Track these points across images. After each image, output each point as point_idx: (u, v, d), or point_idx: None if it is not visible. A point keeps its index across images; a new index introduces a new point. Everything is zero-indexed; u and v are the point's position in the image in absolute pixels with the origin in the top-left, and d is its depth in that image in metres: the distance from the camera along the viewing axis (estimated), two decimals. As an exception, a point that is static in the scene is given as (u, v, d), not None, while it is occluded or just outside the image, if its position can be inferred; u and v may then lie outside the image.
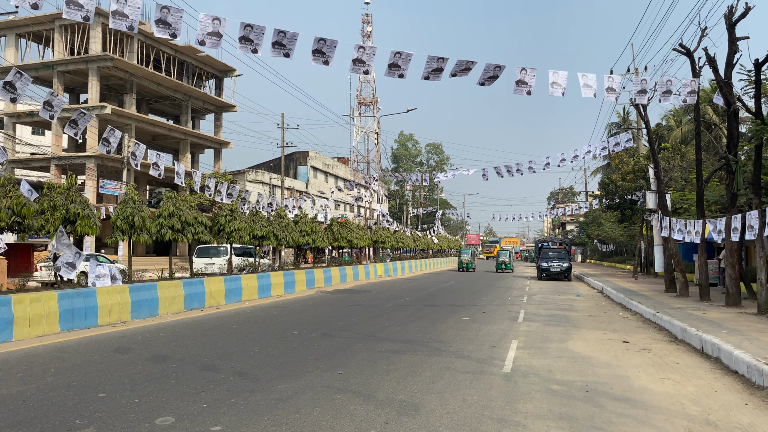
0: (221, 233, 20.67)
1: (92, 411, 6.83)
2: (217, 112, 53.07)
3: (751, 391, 8.15)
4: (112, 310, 14.05)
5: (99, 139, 16.11)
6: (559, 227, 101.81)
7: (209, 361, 9.78)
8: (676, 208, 27.88)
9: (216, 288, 18.37)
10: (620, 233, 51.71)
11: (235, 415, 6.77)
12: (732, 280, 17.21)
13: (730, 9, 16.39)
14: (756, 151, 16.16)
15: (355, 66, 12.99)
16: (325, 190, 61.82)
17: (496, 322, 15.33)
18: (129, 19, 11.42)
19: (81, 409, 6.92)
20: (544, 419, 6.75)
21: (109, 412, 6.81)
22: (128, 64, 41.18)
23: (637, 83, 15.92)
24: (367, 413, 6.86)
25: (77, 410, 6.86)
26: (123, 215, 15.72)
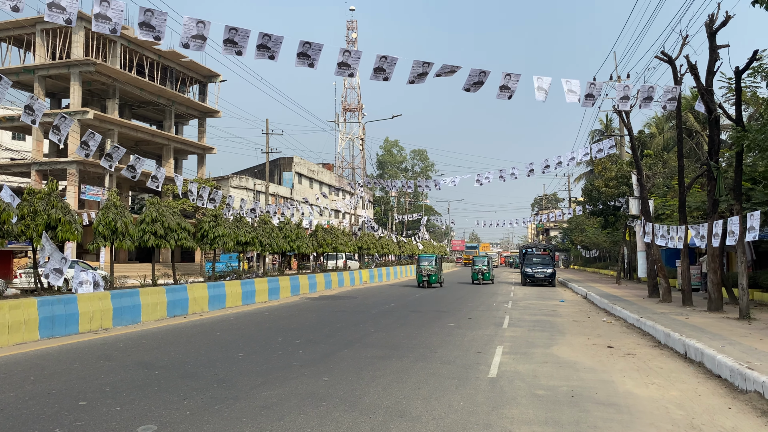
0: (205, 239, 20.49)
1: (72, 419, 6.70)
2: (201, 118, 52.78)
3: (734, 395, 8.21)
4: (93, 317, 13.85)
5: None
6: (543, 233, 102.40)
7: (192, 368, 9.66)
8: (658, 214, 28.14)
9: (199, 294, 18.20)
10: (603, 239, 52.07)
11: (219, 422, 6.67)
12: (714, 285, 17.38)
13: (711, 17, 16.62)
14: (737, 157, 16.37)
15: (340, 69, 12.99)
16: (310, 197, 61.70)
17: (481, 328, 15.33)
18: (112, 22, 11.32)
19: (61, 417, 6.79)
20: (530, 424, 6.74)
21: (89, 420, 6.69)
22: (111, 69, 40.84)
23: (620, 90, 16.09)
24: (353, 420, 6.81)
25: (57, 419, 6.73)
26: (105, 221, 15.53)
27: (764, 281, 20.89)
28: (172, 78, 48.46)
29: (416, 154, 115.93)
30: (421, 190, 79.53)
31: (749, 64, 15.18)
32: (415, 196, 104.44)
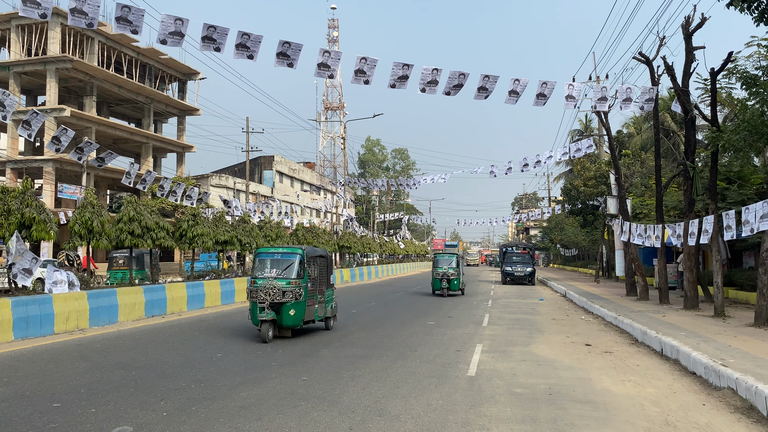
0: (183, 239, 20.30)
1: (46, 422, 6.60)
2: (180, 116, 52.28)
3: (709, 392, 8.33)
4: (69, 318, 13.65)
5: (57, 142, 15.68)
6: (523, 232, 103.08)
7: (170, 368, 9.57)
8: (636, 213, 28.45)
9: (178, 294, 18.03)
10: (582, 238, 52.55)
11: (196, 423, 6.62)
12: (690, 283, 17.63)
13: (687, 19, 16.84)
14: (712, 158, 16.61)
15: (320, 70, 12.96)
16: (291, 195, 61.47)
17: (461, 326, 15.39)
18: (88, 17, 11.19)
19: (34, 420, 6.68)
20: (507, 422, 6.78)
21: (63, 422, 6.59)
22: (88, 66, 40.28)
23: (599, 91, 16.24)
24: (331, 419, 6.79)
25: (30, 421, 6.62)
26: (81, 220, 15.31)
27: (738, 279, 21.23)
28: (150, 75, 47.93)
29: (397, 153, 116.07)
30: (402, 188, 79.47)
31: (724, 65, 15.39)
32: (397, 195, 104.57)
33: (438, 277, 25.21)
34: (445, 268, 25.16)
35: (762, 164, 22.90)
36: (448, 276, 24.95)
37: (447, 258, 25.68)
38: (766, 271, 13.61)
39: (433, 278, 25.70)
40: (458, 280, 25.53)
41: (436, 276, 25.39)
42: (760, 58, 15.20)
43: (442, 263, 25.52)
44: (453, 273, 25.12)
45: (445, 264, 25.37)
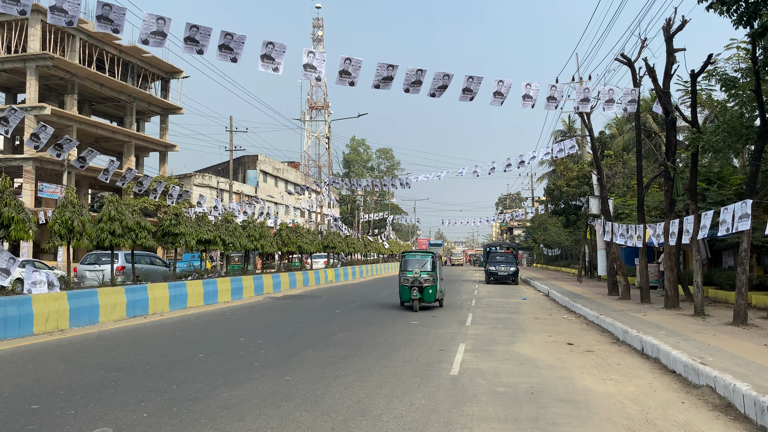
0: (165, 238, 20.14)
1: (24, 424, 6.52)
2: (163, 115, 51.87)
3: (688, 390, 8.43)
4: (49, 318, 13.48)
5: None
6: (507, 232, 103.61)
7: (151, 369, 9.49)
8: (618, 214, 28.72)
9: (160, 294, 17.89)
10: (565, 238, 52.89)
11: (177, 424, 6.57)
12: (670, 282, 17.83)
13: (668, 22, 17.02)
14: (692, 158, 16.81)
15: (306, 72, 12.91)
16: (275, 195, 61.24)
17: (444, 326, 15.43)
18: (68, 15, 11.05)
19: (12, 422, 6.59)
20: (489, 421, 6.81)
21: (42, 424, 6.51)
22: (69, 64, 39.82)
23: (581, 92, 16.36)
24: (314, 419, 6.78)
25: (7, 424, 6.53)
26: (61, 219, 15.12)
27: (718, 279, 21.51)
28: (133, 74, 47.50)
29: (382, 153, 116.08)
30: (386, 188, 79.43)
31: (704, 67, 15.58)
32: (382, 195, 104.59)
33: (407, 284, 19.14)
34: (417, 272, 19.08)
35: (741, 165, 23.24)
36: (420, 282, 18.92)
37: (419, 258, 19.68)
38: (744, 270, 13.81)
39: (401, 286, 19.42)
40: (434, 288, 19.13)
41: (404, 283, 19.26)
42: (740, 60, 15.42)
43: (411, 265, 19.36)
44: (427, 279, 18.93)
45: (417, 266, 19.27)
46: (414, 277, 18.98)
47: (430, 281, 19.01)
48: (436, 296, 19.34)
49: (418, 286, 18.90)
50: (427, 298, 19.08)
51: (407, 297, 19.20)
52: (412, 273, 19.05)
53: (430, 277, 19.06)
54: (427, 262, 19.36)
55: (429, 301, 19.22)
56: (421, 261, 19.45)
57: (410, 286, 18.97)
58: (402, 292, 19.47)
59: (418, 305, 18.92)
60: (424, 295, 18.99)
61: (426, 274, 19.05)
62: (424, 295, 18.99)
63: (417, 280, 18.92)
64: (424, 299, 19.07)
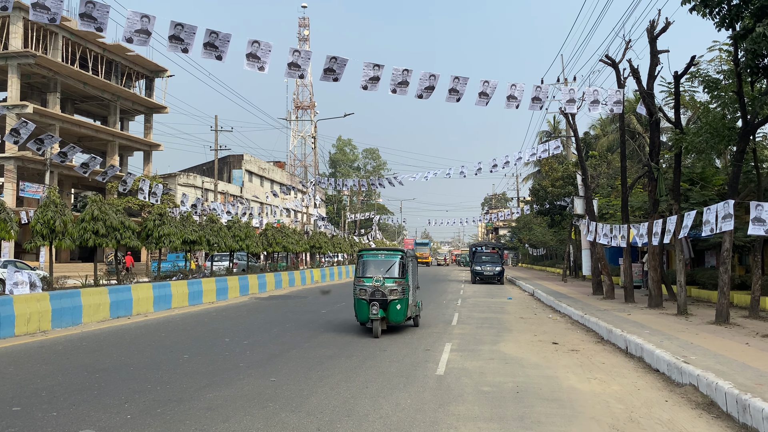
0: (150, 238, 19.96)
1: (5, 426, 6.42)
2: (148, 114, 51.42)
3: (671, 388, 8.50)
4: (30, 319, 13.31)
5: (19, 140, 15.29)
6: (493, 232, 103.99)
7: (135, 370, 9.40)
8: (602, 214, 28.93)
9: (144, 295, 17.73)
10: (550, 238, 53.19)
11: (161, 425, 6.51)
12: (654, 282, 17.98)
13: (652, 23, 17.17)
14: (676, 159, 16.97)
15: (291, 70, 12.86)
16: (261, 195, 60.97)
17: (430, 326, 15.44)
18: (50, 12, 10.92)
19: (-8, 424, 6.50)
20: (475, 421, 6.82)
21: (23, 426, 6.43)
22: (52, 62, 39.35)
23: (567, 93, 16.45)
24: (299, 420, 6.75)
25: (-12, 426, 6.44)
26: (43, 219, 14.94)
27: (701, 278, 21.73)
28: (117, 72, 47.04)
29: (368, 153, 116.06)
30: (374, 188, 79.32)
31: (687, 68, 15.74)
32: (368, 195, 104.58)
33: (363, 296, 13.33)
34: (379, 278, 13.34)
35: (723, 166, 23.49)
36: (382, 294, 13.21)
37: (383, 260, 13.80)
38: (726, 270, 13.96)
39: (356, 299, 13.57)
40: (404, 303, 13.46)
41: (359, 295, 13.41)
42: (722, 62, 15.60)
43: (372, 269, 13.60)
44: (393, 289, 13.27)
45: (379, 270, 13.55)
46: (374, 287, 13.20)
47: (398, 292, 13.25)
48: (406, 313, 13.59)
49: (379, 300, 13.16)
50: (394, 316, 13.35)
51: (365, 316, 13.32)
52: (372, 281, 13.29)
53: (398, 286, 13.28)
54: (393, 265, 13.57)
55: (397, 321, 13.56)
56: (386, 263, 13.65)
57: (369, 300, 13.20)
58: (358, 309, 13.48)
59: (379, 328, 13.08)
60: (390, 312, 13.25)
61: (391, 282, 13.27)
62: (389, 313, 13.26)
63: (378, 291, 13.16)
64: (390, 318, 13.36)
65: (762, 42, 10.95)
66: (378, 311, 13.09)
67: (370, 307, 13.18)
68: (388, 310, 13.28)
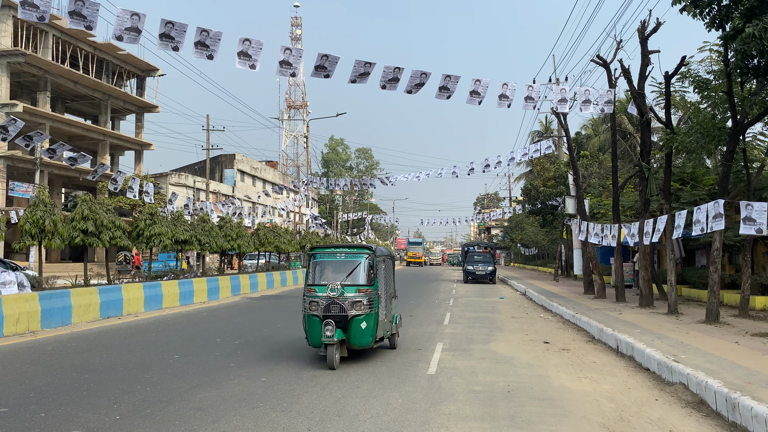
0: (140, 238, 19.86)
1: (-9, 427, 6.37)
2: (139, 113, 51.18)
3: (661, 387, 8.53)
4: (19, 320, 13.21)
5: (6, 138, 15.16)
6: (485, 231, 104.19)
7: (125, 371, 9.34)
8: (593, 213, 29.01)
9: (135, 295, 17.64)
10: (542, 237, 53.31)
11: (150, 426, 6.47)
12: (645, 281, 18.05)
13: (643, 24, 17.23)
14: (666, 159, 17.04)
15: (282, 68, 12.83)
16: (253, 195, 60.80)
17: (422, 325, 15.44)
18: (39, 10, 10.85)
19: (-21, 425, 6.43)
20: (466, 420, 6.82)
21: (10, 428, 6.37)
22: (42, 61, 39.09)
23: (558, 93, 16.49)
24: (290, 420, 6.72)
25: (-26, 427, 6.38)
26: (32, 219, 14.83)
27: (691, 278, 21.83)
28: (108, 71, 46.78)
29: (361, 152, 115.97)
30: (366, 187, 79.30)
31: (678, 69, 15.79)
32: (360, 195, 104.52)
33: (315, 311, 9.92)
34: (335, 287, 9.90)
35: (714, 166, 23.62)
36: (340, 307, 9.81)
37: (343, 261, 10.40)
38: (716, 269, 14.03)
39: (306, 315, 10.08)
40: (371, 318, 10.00)
41: (310, 310, 9.98)
42: (712, 62, 15.67)
43: (325, 273, 10.31)
44: (356, 299, 9.88)
45: (337, 274, 10.22)
46: (329, 299, 9.76)
47: (363, 305, 9.81)
48: (375, 333, 10.07)
49: (336, 317, 9.67)
50: (358, 338, 9.82)
51: (317, 338, 9.76)
52: (326, 290, 9.84)
53: (363, 296, 9.86)
54: (357, 268, 10.16)
55: (362, 344, 9.92)
56: (347, 266, 10.23)
57: (322, 317, 9.71)
58: (309, 328, 9.96)
59: (335, 356, 9.50)
60: (352, 333, 9.77)
61: (354, 291, 9.87)
62: (350, 334, 9.78)
63: (335, 305, 9.73)
64: (352, 341, 9.84)
65: (751, 42, 11.00)
66: (333, 332, 9.45)
67: (323, 326, 9.54)
68: (350, 329, 9.69)
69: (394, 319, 11.56)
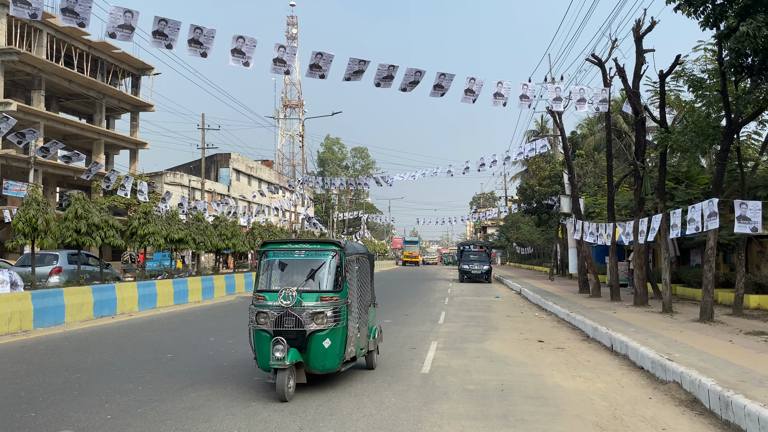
0: (134, 237, 19.79)
1: (-19, 427, 6.31)
2: (134, 112, 51.02)
3: (655, 386, 8.52)
4: (11, 319, 13.13)
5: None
6: (481, 231, 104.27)
7: (117, 370, 9.29)
8: (588, 212, 29.03)
9: (129, 294, 17.57)
10: (538, 236, 53.34)
11: (141, 425, 6.43)
12: (639, 280, 18.06)
13: (638, 23, 17.23)
14: (661, 158, 17.05)
15: (276, 66, 12.77)
16: (248, 194, 60.69)
17: (417, 324, 15.42)
18: (32, 7, 10.78)
19: (-32, 425, 6.38)
20: (459, 419, 6.79)
21: (0, 428, 6.31)
22: (36, 59, 38.92)
23: (554, 92, 16.49)
24: (282, 419, 6.69)
25: (-37, 427, 6.32)
26: (25, 217, 14.75)
27: (686, 276, 21.86)
28: (103, 70, 46.62)
29: (357, 152, 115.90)
30: (361, 187, 79.25)
31: (672, 68, 15.80)
32: (356, 194, 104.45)
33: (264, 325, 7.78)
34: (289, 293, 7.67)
35: (708, 165, 23.65)
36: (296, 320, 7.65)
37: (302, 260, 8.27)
38: (710, 268, 14.04)
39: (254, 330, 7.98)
40: (337, 335, 7.87)
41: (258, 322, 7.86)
42: (707, 62, 15.68)
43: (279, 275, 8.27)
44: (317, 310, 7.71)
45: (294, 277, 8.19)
46: (282, 309, 7.71)
47: (326, 317, 7.77)
48: (343, 352, 8.04)
49: (290, 332, 7.68)
50: (319, 360, 7.83)
51: (266, 360, 7.67)
52: (277, 297, 7.75)
53: (327, 306, 7.84)
54: (320, 268, 8.14)
55: (324, 368, 7.93)
56: (307, 265, 8.21)
57: (272, 333, 7.69)
58: (257, 346, 7.91)
59: (286, 385, 7.42)
60: (311, 353, 7.77)
61: (314, 300, 7.86)
62: (309, 355, 7.78)
63: (289, 317, 7.69)
64: (312, 364, 7.84)
65: (746, 41, 11.01)
66: (285, 353, 7.32)
67: (272, 344, 7.39)
68: (309, 349, 7.66)
69: (371, 332, 9.41)
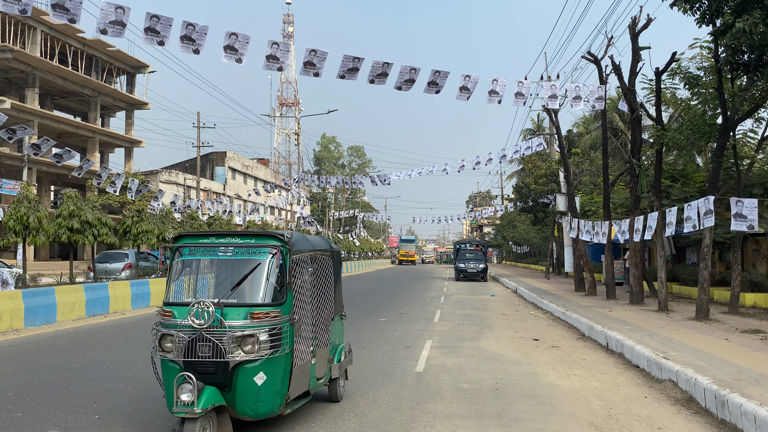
0: (128, 235, 19.66)
1: (-34, 427, 6.21)
2: (129, 110, 50.82)
3: (651, 385, 8.45)
4: (2, 317, 12.99)
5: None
6: (477, 229, 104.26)
7: (108, 369, 9.19)
8: (585, 211, 29.00)
9: (121, 293, 17.44)
10: (534, 235, 53.37)
11: (130, 425, 6.34)
12: (635, 279, 18.02)
13: (634, 20, 17.17)
14: (657, 156, 17.00)
15: (269, 62, 12.66)
16: (244, 192, 60.54)
17: (412, 323, 15.34)
18: (21, 3, 10.64)
19: (-47, 425, 6.27)
20: (452, 418, 6.71)
21: (-15, 428, 6.21)
22: (30, 57, 38.71)
23: (550, 89, 16.41)
24: (275, 418, 6.58)
25: (-52, 427, 6.22)
26: (16, 215, 14.62)
27: (682, 275, 21.84)
28: (97, 68, 46.41)
29: (353, 150, 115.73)
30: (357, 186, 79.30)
31: (668, 65, 15.75)
32: (353, 193, 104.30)
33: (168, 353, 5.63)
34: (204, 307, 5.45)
35: (704, 163, 23.64)
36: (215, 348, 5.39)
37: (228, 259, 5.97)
38: (706, 266, 13.99)
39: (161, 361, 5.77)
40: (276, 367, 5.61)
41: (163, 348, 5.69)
42: (703, 59, 15.64)
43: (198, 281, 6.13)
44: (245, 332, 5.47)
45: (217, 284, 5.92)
46: (193, 330, 5.48)
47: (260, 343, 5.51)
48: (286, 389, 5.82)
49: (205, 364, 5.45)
50: (248, 403, 5.56)
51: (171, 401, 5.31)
52: (188, 314, 5.50)
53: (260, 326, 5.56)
54: (253, 273, 5.87)
55: (256, 414, 5.66)
56: (234, 268, 5.95)
57: (181, 364, 5.51)
58: (165, 379, 5.78)
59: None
60: (238, 393, 5.52)
61: (241, 317, 5.60)
62: (236, 396, 5.52)
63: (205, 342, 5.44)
64: (239, 408, 5.56)
65: (742, 38, 10.95)
66: (194, 397, 5.09)
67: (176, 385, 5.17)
68: (234, 387, 5.55)
69: (335, 353, 7.30)
